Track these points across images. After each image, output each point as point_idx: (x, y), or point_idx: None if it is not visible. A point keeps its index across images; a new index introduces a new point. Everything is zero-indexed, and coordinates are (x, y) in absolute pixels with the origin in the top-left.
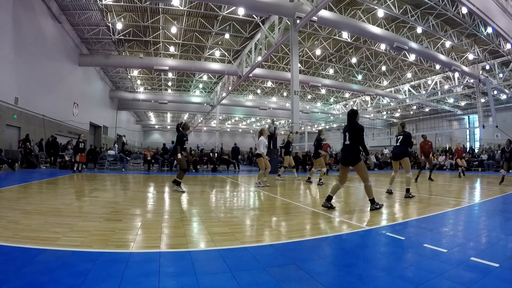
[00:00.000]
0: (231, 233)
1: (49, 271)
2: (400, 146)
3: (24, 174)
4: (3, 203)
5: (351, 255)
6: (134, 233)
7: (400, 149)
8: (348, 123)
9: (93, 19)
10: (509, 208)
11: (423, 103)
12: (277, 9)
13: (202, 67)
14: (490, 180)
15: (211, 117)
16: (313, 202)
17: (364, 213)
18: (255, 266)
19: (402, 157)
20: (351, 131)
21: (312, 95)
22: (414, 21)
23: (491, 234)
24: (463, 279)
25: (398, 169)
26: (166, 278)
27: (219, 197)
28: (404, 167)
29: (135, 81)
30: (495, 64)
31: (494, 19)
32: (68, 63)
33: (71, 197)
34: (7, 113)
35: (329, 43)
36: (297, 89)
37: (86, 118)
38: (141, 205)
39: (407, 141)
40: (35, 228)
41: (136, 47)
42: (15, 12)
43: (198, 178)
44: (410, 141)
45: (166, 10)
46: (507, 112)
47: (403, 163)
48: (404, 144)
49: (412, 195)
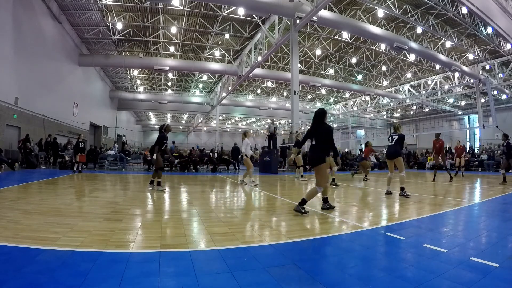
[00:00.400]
0: (231, 233)
1: (49, 271)
2: (394, 146)
3: (24, 174)
4: (3, 203)
5: (351, 255)
6: (134, 233)
7: (394, 148)
8: (316, 124)
9: (93, 19)
10: (509, 208)
11: (423, 103)
12: (277, 9)
13: (202, 67)
14: (490, 180)
15: (211, 117)
16: (313, 202)
17: (364, 213)
18: (255, 266)
19: (396, 156)
20: (318, 132)
21: (312, 95)
22: (414, 21)
23: (491, 234)
24: (463, 279)
25: (393, 169)
26: (166, 278)
27: (219, 197)
28: (398, 166)
29: (135, 81)
30: (495, 64)
31: (494, 19)
32: (68, 63)
33: (71, 197)
34: (7, 113)
35: (329, 43)
36: (297, 89)
37: (86, 118)
38: (141, 205)
39: (401, 141)
40: (35, 228)
41: (136, 47)
42: (15, 12)
43: (198, 178)
44: (403, 143)
45: (166, 10)
46: (507, 112)
47: (397, 162)
48: (398, 144)
49: (407, 194)
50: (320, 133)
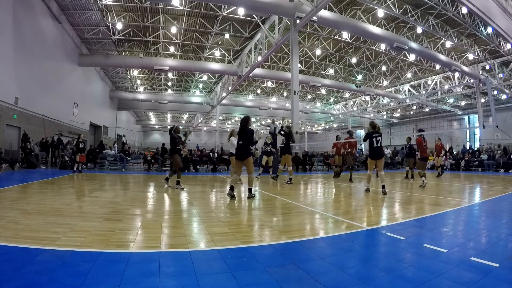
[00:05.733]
0: (231, 233)
1: (49, 271)
2: (381, 147)
3: (24, 174)
4: (3, 203)
5: (351, 255)
6: (134, 233)
7: (382, 150)
8: (242, 128)
9: (93, 19)
10: (508, 208)
11: (423, 103)
12: (277, 9)
13: (202, 67)
14: (489, 180)
15: (211, 117)
16: (313, 202)
17: (364, 213)
18: (255, 266)
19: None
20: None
21: (312, 95)
22: (414, 21)
23: (491, 234)
24: (463, 279)
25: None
26: (166, 278)
27: (219, 197)
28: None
29: (135, 81)
30: (495, 64)
31: (494, 19)
32: (68, 63)
33: (71, 197)
34: (7, 113)
35: (329, 43)
36: (297, 89)
37: (86, 118)
38: (141, 205)
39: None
40: (35, 228)
41: (136, 47)
42: (15, 12)
43: (198, 178)
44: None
45: (166, 10)
46: (507, 112)
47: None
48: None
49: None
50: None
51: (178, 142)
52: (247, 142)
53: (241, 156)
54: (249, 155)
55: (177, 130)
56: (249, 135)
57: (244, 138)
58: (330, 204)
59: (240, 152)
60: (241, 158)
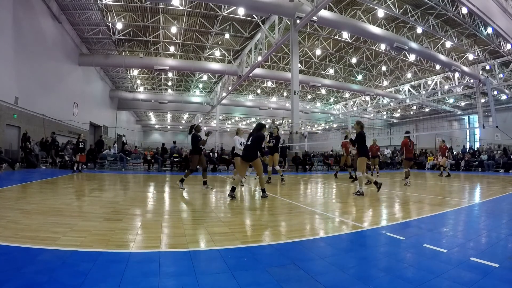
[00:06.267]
0: (231, 233)
1: (49, 271)
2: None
3: (24, 173)
4: (3, 203)
5: (351, 255)
6: (134, 233)
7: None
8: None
9: (93, 19)
10: (508, 208)
11: (423, 103)
12: (277, 9)
13: (202, 67)
14: (489, 180)
15: (211, 117)
16: (313, 202)
17: (364, 213)
18: (255, 266)
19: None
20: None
21: (312, 95)
22: (414, 21)
23: (491, 234)
24: (463, 279)
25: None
26: (166, 278)
27: (219, 197)
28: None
29: (135, 81)
30: (495, 64)
31: (494, 19)
32: (68, 63)
33: (71, 197)
34: (7, 113)
35: (329, 43)
36: (297, 89)
37: (86, 118)
38: (141, 205)
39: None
40: (35, 228)
41: (136, 47)
42: (15, 12)
43: (198, 178)
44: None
45: (166, 10)
46: (507, 112)
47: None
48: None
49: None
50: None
51: (199, 141)
52: (255, 144)
53: (247, 158)
54: (256, 157)
55: (198, 129)
56: (260, 138)
57: (254, 138)
58: (330, 204)
59: (247, 153)
60: (248, 160)
